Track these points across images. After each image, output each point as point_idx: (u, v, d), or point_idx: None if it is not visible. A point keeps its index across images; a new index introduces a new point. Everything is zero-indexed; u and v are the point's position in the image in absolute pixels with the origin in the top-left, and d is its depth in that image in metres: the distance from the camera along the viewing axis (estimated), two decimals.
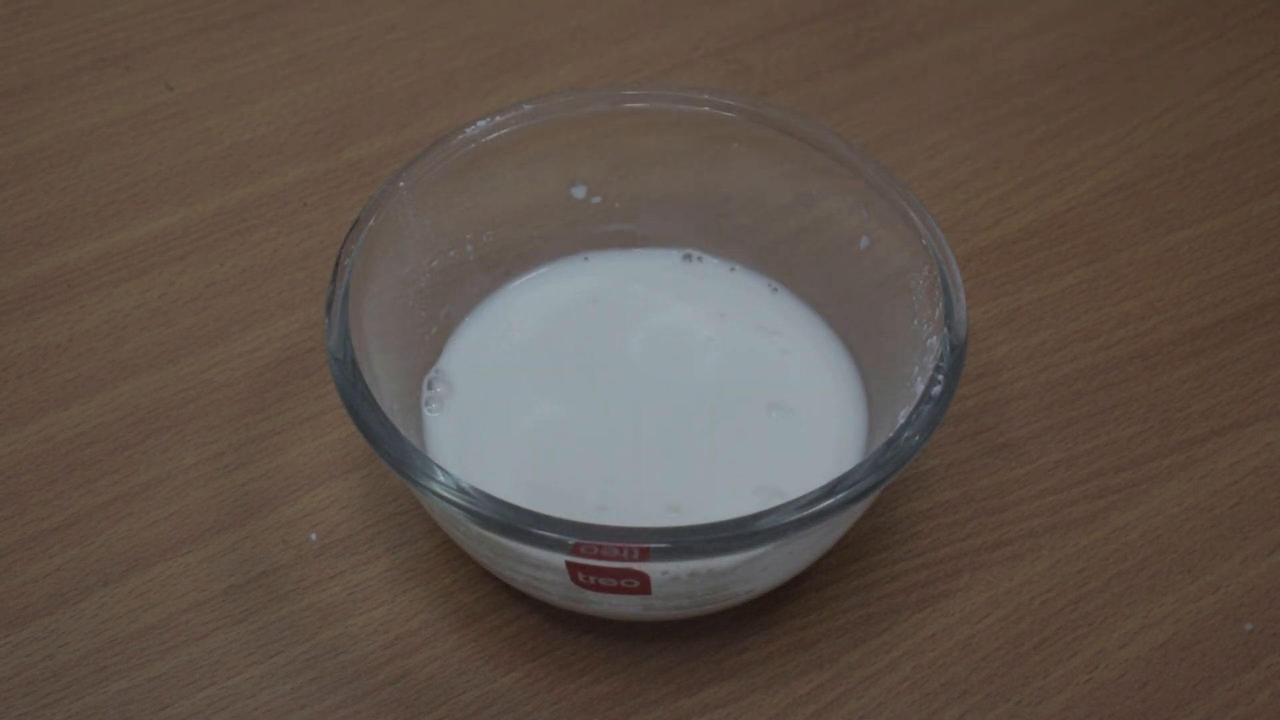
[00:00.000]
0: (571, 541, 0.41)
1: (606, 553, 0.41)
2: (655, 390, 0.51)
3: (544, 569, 0.44)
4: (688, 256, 0.55)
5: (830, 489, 0.42)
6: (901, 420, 0.44)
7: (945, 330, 0.46)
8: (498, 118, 0.52)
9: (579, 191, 0.55)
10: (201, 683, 0.47)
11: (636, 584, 0.43)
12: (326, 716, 0.46)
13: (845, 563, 0.50)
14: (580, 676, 0.47)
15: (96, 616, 0.49)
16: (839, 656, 0.48)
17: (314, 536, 0.50)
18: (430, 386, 0.51)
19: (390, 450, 0.43)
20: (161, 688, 0.47)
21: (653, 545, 0.41)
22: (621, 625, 0.48)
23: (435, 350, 0.52)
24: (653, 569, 0.42)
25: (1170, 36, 0.67)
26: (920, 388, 0.45)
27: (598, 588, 0.43)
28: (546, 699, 0.47)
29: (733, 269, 0.54)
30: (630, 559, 0.41)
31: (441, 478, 0.42)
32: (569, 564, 0.42)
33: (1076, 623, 0.49)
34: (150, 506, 0.51)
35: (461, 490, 0.42)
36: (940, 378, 0.45)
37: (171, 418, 0.53)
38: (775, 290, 0.53)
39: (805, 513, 0.41)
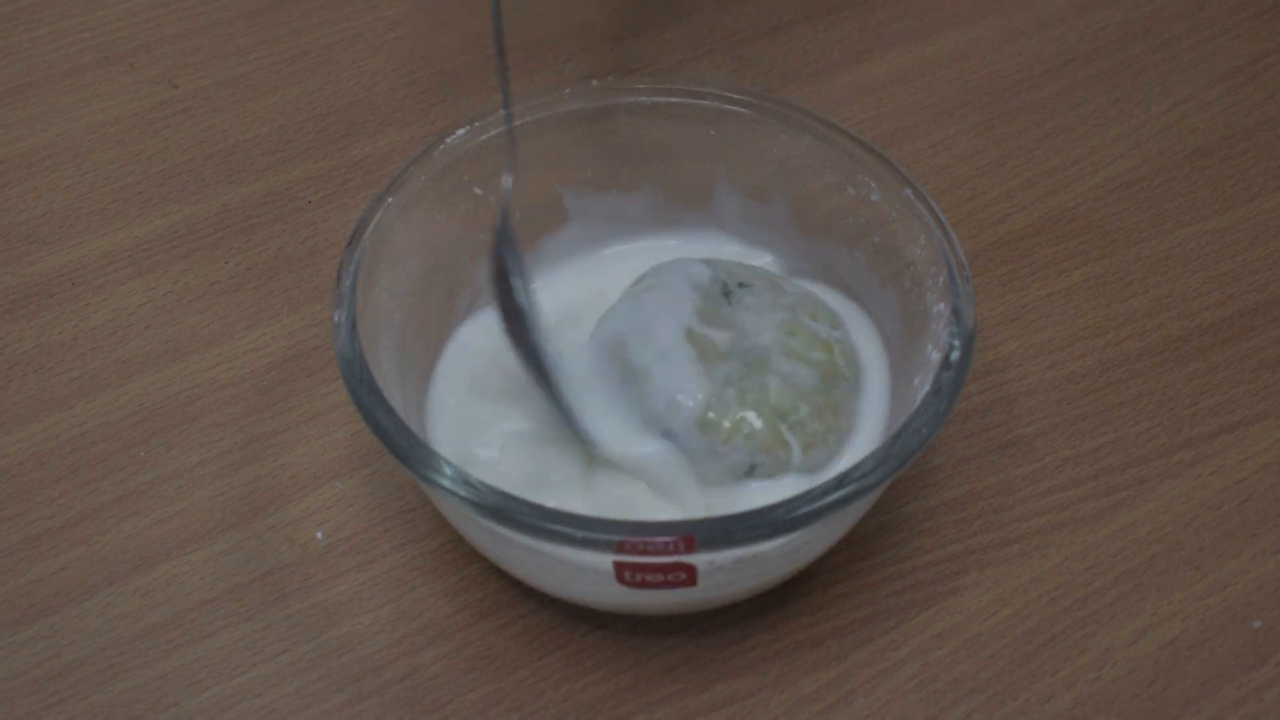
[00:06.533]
0: (617, 539, 0.41)
1: (653, 548, 0.41)
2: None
3: (584, 570, 0.44)
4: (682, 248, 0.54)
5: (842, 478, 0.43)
6: (909, 413, 0.44)
7: (953, 326, 0.46)
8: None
9: (578, 193, 0.54)
10: (207, 682, 0.47)
11: (684, 577, 0.43)
12: (333, 715, 0.46)
13: (852, 560, 0.50)
14: (588, 674, 0.47)
15: (102, 615, 0.48)
16: (846, 654, 0.48)
17: (320, 535, 0.50)
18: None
19: (431, 467, 0.43)
20: (167, 687, 0.47)
21: (697, 535, 0.41)
22: (630, 622, 0.48)
23: (440, 346, 0.52)
24: (700, 560, 0.42)
25: (1178, 32, 0.67)
26: (927, 383, 0.45)
27: (644, 584, 0.43)
28: (554, 697, 0.47)
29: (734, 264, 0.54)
30: (677, 552, 0.41)
31: (471, 482, 0.42)
32: (616, 563, 0.42)
33: (1084, 620, 0.49)
34: (155, 505, 0.51)
35: (503, 495, 0.42)
36: (948, 373, 0.45)
37: (176, 416, 0.53)
38: (813, 294, 0.53)
39: (841, 492, 0.42)
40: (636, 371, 0.48)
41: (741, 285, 0.50)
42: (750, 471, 0.47)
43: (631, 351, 0.48)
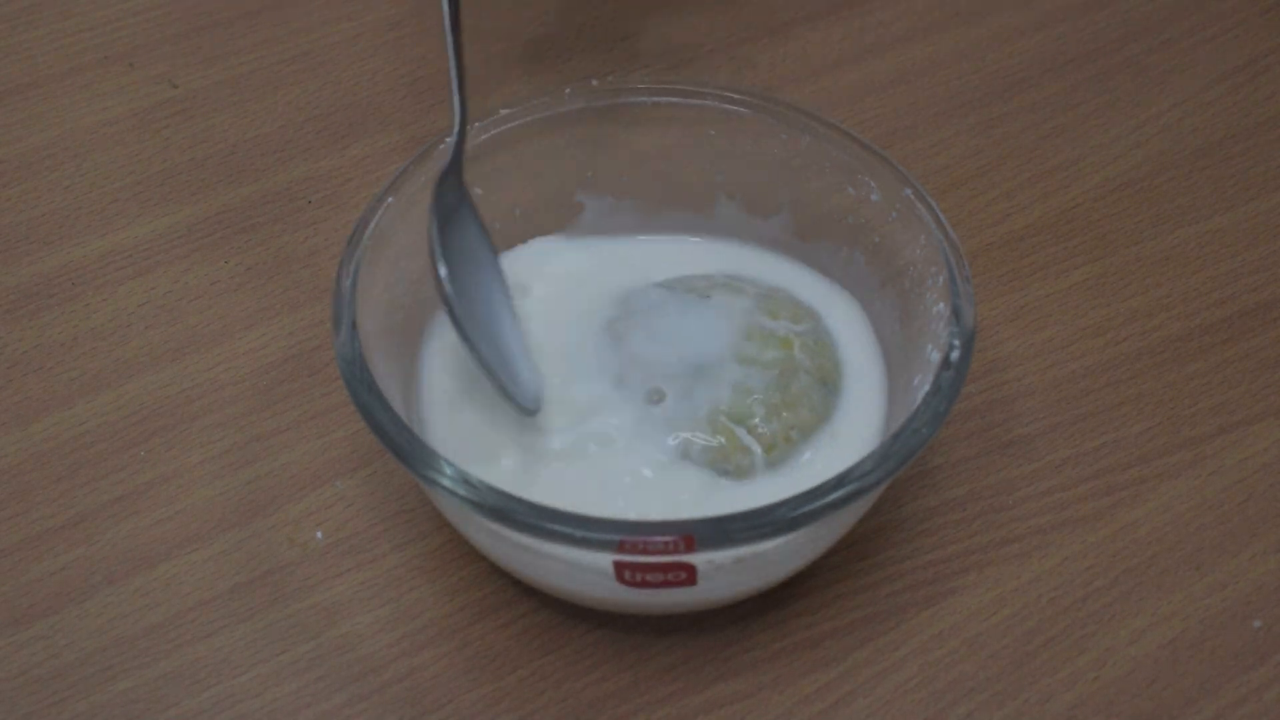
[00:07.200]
0: (617, 539, 0.41)
1: (653, 547, 0.41)
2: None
3: (584, 570, 0.44)
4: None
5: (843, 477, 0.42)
6: (909, 414, 0.44)
7: (953, 326, 0.46)
8: (503, 112, 0.52)
9: (583, 192, 0.54)
10: (207, 682, 0.47)
11: (684, 576, 0.43)
12: (332, 715, 0.46)
13: (852, 560, 0.50)
14: (588, 674, 0.47)
15: (102, 615, 0.48)
16: (846, 654, 0.48)
17: (319, 534, 0.50)
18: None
19: (419, 458, 0.43)
20: (167, 687, 0.47)
21: (697, 534, 0.41)
22: (630, 622, 0.48)
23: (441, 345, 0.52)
24: (700, 560, 0.42)
25: (1178, 31, 0.67)
26: (927, 383, 0.45)
27: (644, 584, 0.43)
28: (554, 696, 0.47)
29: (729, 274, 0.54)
30: (677, 552, 0.41)
31: (472, 482, 0.42)
32: (616, 563, 0.42)
33: (1084, 620, 0.49)
34: (155, 505, 0.51)
35: (503, 495, 0.42)
36: (947, 373, 0.45)
37: (176, 416, 0.53)
38: (779, 289, 0.53)
39: (840, 492, 0.42)
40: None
41: (700, 298, 0.50)
42: (721, 476, 0.48)
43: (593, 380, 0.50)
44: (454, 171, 0.49)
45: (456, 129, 0.49)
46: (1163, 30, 0.67)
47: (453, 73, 0.49)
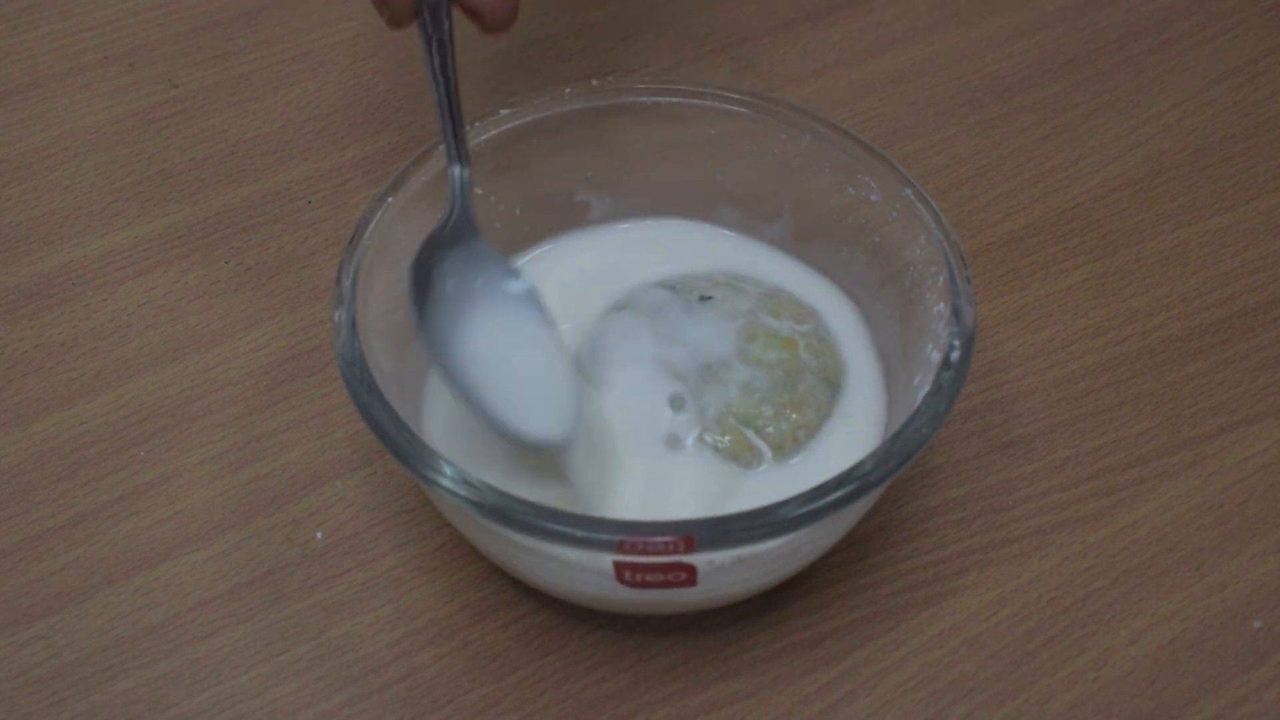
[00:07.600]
0: (617, 539, 0.41)
1: (653, 548, 0.41)
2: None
3: (584, 570, 0.44)
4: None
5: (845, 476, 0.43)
6: (909, 414, 0.44)
7: (953, 326, 0.46)
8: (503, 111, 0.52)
9: (584, 192, 0.54)
10: (207, 682, 0.47)
11: (684, 577, 0.43)
12: (333, 715, 0.46)
13: (852, 560, 0.50)
14: (588, 674, 0.47)
15: (102, 615, 0.48)
16: (846, 654, 0.48)
17: (320, 535, 0.50)
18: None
19: (425, 462, 0.43)
20: (167, 687, 0.47)
21: (697, 535, 0.41)
22: (630, 621, 0.48)
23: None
24: (700, 560, 0.42)
25: (1177, 32, 0.67)
26: (927, 383, 0.45)
27: (644, 584, 0.43)
28: (554, 696, 0.47)
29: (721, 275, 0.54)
30: (677, 552, 0.41)
31: (472, 482, 0.42)
32: (616, 564, 0.42)
33: (1084, 620, 0.49)
34: (155, 505, 0.51)
35: (503, 495, 0.42)
36: (947, 373, 0.45)
37: (176, 416, 0.53)
38: (780, 289, 0.53)
39: (840, 493, 0.42)
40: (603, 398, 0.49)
41: (702, 299, 0.50)
42: (729, 475, 0.48)
43: (594, 381, 0.49)
44: (464, 219, 0.47)
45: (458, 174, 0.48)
46: (1163, 30, 0.67)
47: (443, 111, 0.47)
